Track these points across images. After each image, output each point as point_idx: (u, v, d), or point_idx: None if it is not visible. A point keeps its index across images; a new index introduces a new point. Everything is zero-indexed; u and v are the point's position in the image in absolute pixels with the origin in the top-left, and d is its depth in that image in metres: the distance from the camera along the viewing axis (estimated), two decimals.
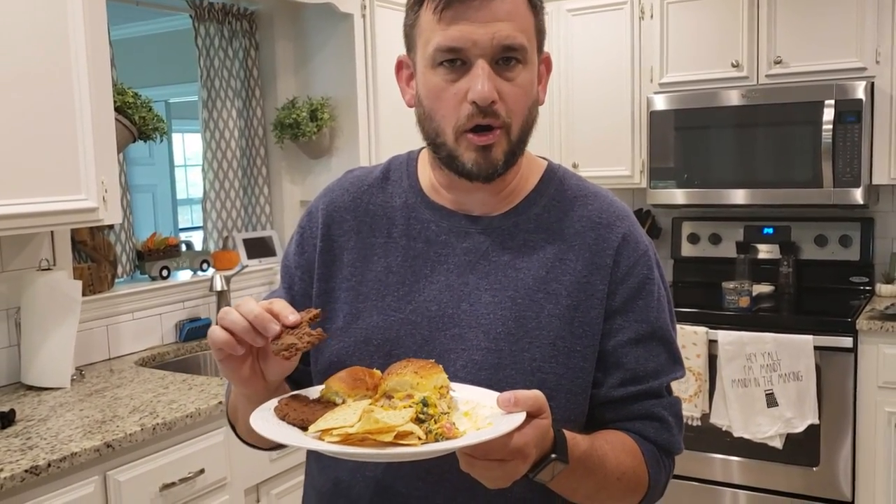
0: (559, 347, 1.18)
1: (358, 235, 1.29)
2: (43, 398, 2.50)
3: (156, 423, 2.24)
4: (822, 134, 3.55)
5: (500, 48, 1.12)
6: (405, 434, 0.94)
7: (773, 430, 3.43)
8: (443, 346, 1.18)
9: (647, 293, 1.23)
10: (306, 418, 1.02)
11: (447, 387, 1.06)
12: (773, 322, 3.54)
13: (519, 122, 1.16)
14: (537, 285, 1.20)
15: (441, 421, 0.98)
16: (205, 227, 3.64)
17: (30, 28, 2.29)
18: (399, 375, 1.05)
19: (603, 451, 1.13)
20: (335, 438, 0.95)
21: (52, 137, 2.35)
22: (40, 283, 2.58)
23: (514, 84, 1.14)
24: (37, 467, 1.94)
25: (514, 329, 1.18)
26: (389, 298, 1.23)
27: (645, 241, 1.27)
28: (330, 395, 1.07)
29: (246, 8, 3.66)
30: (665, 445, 1.24)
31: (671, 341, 1.26)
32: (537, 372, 1.16)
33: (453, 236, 1.24)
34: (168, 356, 3.14)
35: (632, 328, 1.21)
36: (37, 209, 2.32)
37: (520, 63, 1.14)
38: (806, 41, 3.65)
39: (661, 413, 1.23)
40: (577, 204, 1.26)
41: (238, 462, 2.49)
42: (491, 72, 1.12)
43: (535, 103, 1.20)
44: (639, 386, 1.21)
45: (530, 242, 1.23)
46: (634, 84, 4.04)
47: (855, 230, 3.89)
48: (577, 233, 1.23)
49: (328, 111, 3.62)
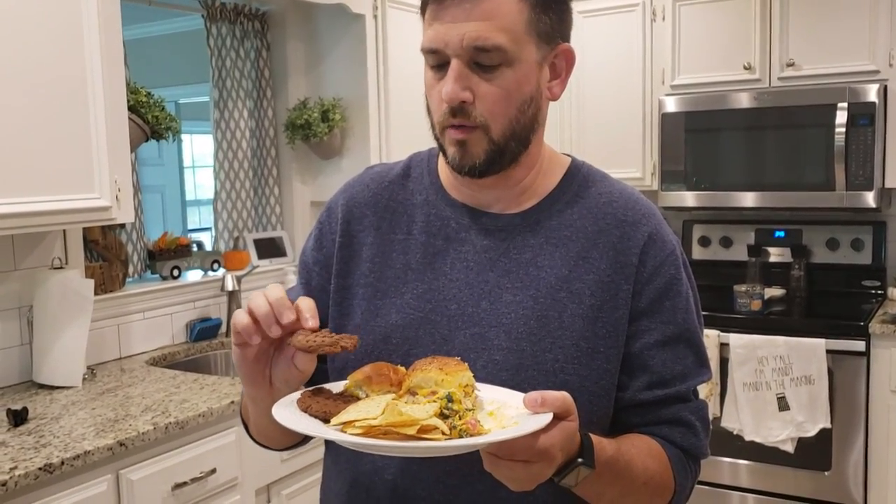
0: (582, 348, 1.15)
1: (377, 231, 1.27)
2: (55, 396, 2.50)
3: (168, 423, 2.24)
4: (834, 137, 3.54)
5: (470, 49, 1.10)
6: (429, 428, 0.92)
7: (785, 434, 3.41)
8: (463, 346, 1.16)
9: (674, 294, 1.20)
10: (329, 411, 1.00)
11: (472, 386, 1.04)
12: (784, 325, 3.53)
13: (501, 122, 1.14)
14: (560, 284, 1.18)
15: (466, 417, 0.96)
16: (215, 227, 3.64)
17: (44, 28, 2.29)
18: (424, 371, 1.04)
19: (629, 455, 1.11)
20: (357, 430, 0.94)
21: (65, 136, 2.35)
22: (53, 281, 2.58)
23: (493, 84, 1.12)
24: (51, 465, 1.94)
25: (536, 329, 1.16)
26: (408, 296, 1.22)
27: (672, 240, 1.24)
28: (354, 389, 1.06)
29: (258, 8, 3.66)
30: (691, 450, 1.21)
31: (698, 343, 1.23)
32: (559, 373, 1.14)
33: (473, 233, 1.23)
34: (178, 356, 3.14)
35: (658, 330, 1.19)
36: (50, 207, 2.32)
37: (500, 64, 1.11)
38: (818, 44, 3.64)
39: (688, 417, 1.20)
40: (602, 201, 1.24)
41: (249, 462, 2.48)
42: (462, 72, 1.11)
43: (531, 101, 1.16)
44: (665, 390, 1.19)
45: (553, 240, 1.21)
46: (646, 86, 4.03)
47: (867, 234, 3.88)
48: (601, 231, 1.21)
49: (339, 112, 3.62)
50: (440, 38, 1.11)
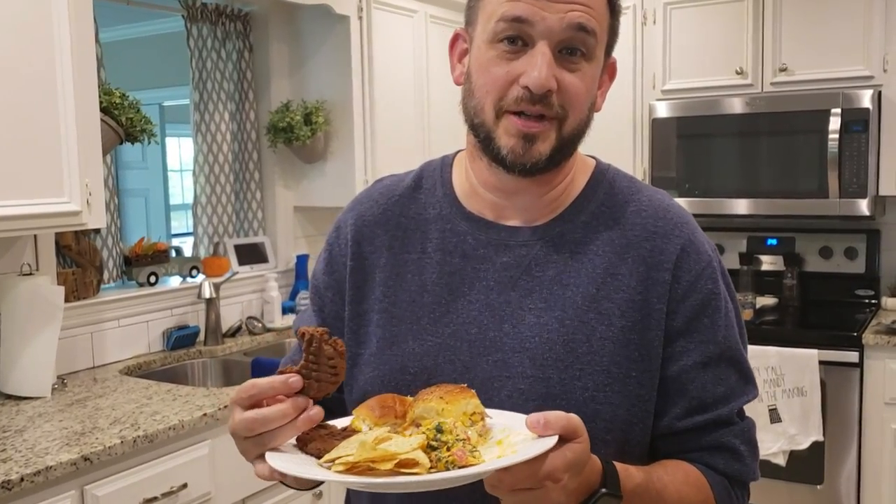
0: (613, 374, 1.06)
1: (390, 251, 1.18)
2: (21, 408, 2.41)
3: (137, 436, 2.15)
4: (827, 143, 3.48)
5: (570, 29, 1.03)
6: (410, 462, 0.87)
7: (777, 447, 3.34)
8: (485, 374, 1.08)
9: (712, 310, 1.10)
10: (323, 447, 0.96)
11: (480, 413, 0.97)
12: (776, 335, 3.46)
13: (576, 118, 1.07)
14: (587, 304, 1.08)
15: (454, 448, 0.90)
16: (195, 232, 3.56)
17: (13, 26, 2.21)
18: (425, 402, 0.98)
19: (661, 483, 1.04)
20: (339, 467, 0.89)
21: (33, 138, 2.27)
22: (21, 288, 2.50)
23: (576, 76, 1.06)
24: (9, 482, 1.86)
25: (563, 355, 1.07)
26: (425, 321, 1.13)
27: (708, 251, 1.14)
28: (356, 424, 1.01)
29: (240, 9, 3.58)
30: (737, 476, 1.12)
31: (742, 360, 1.14)
32: (590, 402, 1.05)
33: (492, 249, 1.13)
34: (154, 365, 3.05)
35: (697, 350, 1.09)
36: (17, 212, 2.24)
37: (584, 56, 1.06)
38: (812, 49, 3.58)
39: (732, 442, 1.11)
40: (630, 210, 1.14)
41: (223, 476, 2.40)
42: (552, 58, 1.04)
43: (593, 104, 1.11)
44: (706, 415, 1.09)
45: (578, 255, 1.11)
46: (636, 91, 3.96)
47: (861, 242, 3.82)
48: (629, 243, 1.11)
49: (323, 115, 3.54)
50: (536, 12, 1.02)
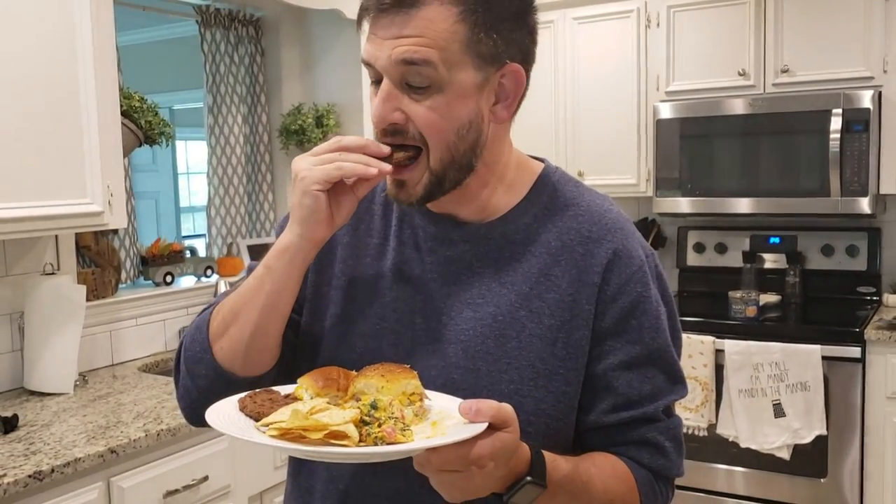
0: (539, 370, 1.12)
1: (355, 232, 1.24)
2: (46, 403, 2.48)
3: (160, 429, 2.22)
4: (829, 143, 3.53)
5: (399, 64, 1.04)
6: (340, 434, 0.92)
7: (781, 441, 3.40)
8: (424, 362, 1.13)
9: (640, 312, 1.15)
10: (262, 412, 1.01)
11: (419, 394, 1.03)
12: (780, 332, 3.51)
13: (439, 147, 1.08)
14: (520, 302, 1.14)
15: (385, 425, 0.95)
16: (209, 233, 3.62)
17: (37, 32, 2.28)
18: (366, 378, 1.03)
19: (588, 475, 1.08)
20: (273, 432, 0.94)
21: (57, 141, 2.34)
22: (44, 287, 2.57)
23: (425, 107, 1.06)
24: (40, 472, 1.92)
25: (494, 348, 1.12)
26: (376, 305, 1.19)
27: (640, 256, 1.18)
28: (299, 392, 1.06)
29: (252, 14, 3.65)
30: (661, 471, 1.17)
31: (670, 361, 1.18)
32: (515, 395, 1.10)
33: (437, 244, 1.19)
34: (171, 363, 3.09)
35: (624, 350, 1.14)
36: (41, 213, 2.31)
37: (430, 86, 1.05)
38: (813, 50, 3.63)
39: (657, 438, 1.16)
40: (568, 214, 1.18)
41: (242, 469, 2.47)
42: (392, 92, 1.06)
43: (469, 126, 1.09)
44: (632, 411, 1.14)
45: (517, 255, 1.16)
46: (640, 92, 4.02)
47: (862, 240, 3.87)
48: (564, 246, 1.16)
49: (334, 117, 3.61)
50: (371, 53, 1.07)
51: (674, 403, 1.19)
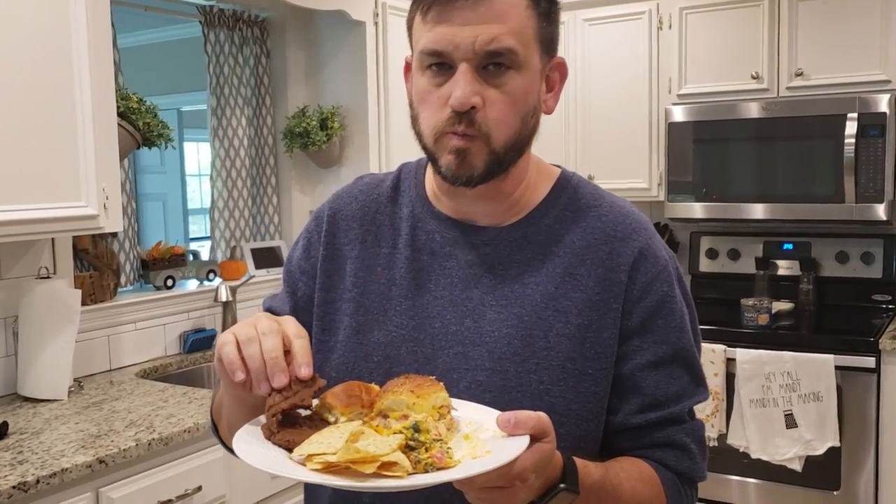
0: (569, 370, 1.11)
1: (362, 245, 1.23)
2: (38, 410, 2.43)
3: (152, 438, 2.17)
4: (844, 148, 3.46)
5: (483, 52, 1.05)
6: (391, 464, 0.87)
7: (793, 452, 3.33)
8: (446, 366, 1.12)
9: (666, 312, 1.15)
10: (293, 439, 0.95)
11: (448, 406, 0.99)
12: (792, 340, 3.44)
13: (504, 132, 1.09)
14: (545, 302, 1.13)
15: (432, 450, 0.90)
16: (212, 236, 3.58)
17: (31, 32, 2.24)
18: (395, 394, 0.98)
19: (617, 479, 1.07)
20: (317, 466, 0.88)
21: (52, 142, 2.30)
22: (39, 291, 2.53)
23: (502, 91, 1.07)
24: (25, 483, 1.88)
25: (521, 349, 1.11)
26: (391, 313, 1.18)
27: (664, 256, 1.18)
28: (323, 411, 1.01)
29: (257, 15, 3.61)
30: (687, 474, 1.16)
31: (694, 363, 1.19)
32: (545, 395, 1.09)
33: (458, 248, 1.18)
34: (171, 368, 3.07)
35: (650, 350, 1.14)
36: (35, 216, 2.26)
37: (510, 69, 1.07)
38: (828, 53, 3.56)
39: (683, 440, 1.15)
40: (591, 215, 1.19)
41: (237, 480, 2.41)
42: (472, 77, 1.06)
43: (533, 112, 1.12)
44: (658, 412, 1.13)
45: (540, 256, 1.16)
46: (652, 95, 3.95)
47: (878, 247, 3.79)
48: (589, 246, 1.16)
49: (339, 120, 3.56)
50: (448, 41, 1.05)
51: (695, 406, 1.18)
